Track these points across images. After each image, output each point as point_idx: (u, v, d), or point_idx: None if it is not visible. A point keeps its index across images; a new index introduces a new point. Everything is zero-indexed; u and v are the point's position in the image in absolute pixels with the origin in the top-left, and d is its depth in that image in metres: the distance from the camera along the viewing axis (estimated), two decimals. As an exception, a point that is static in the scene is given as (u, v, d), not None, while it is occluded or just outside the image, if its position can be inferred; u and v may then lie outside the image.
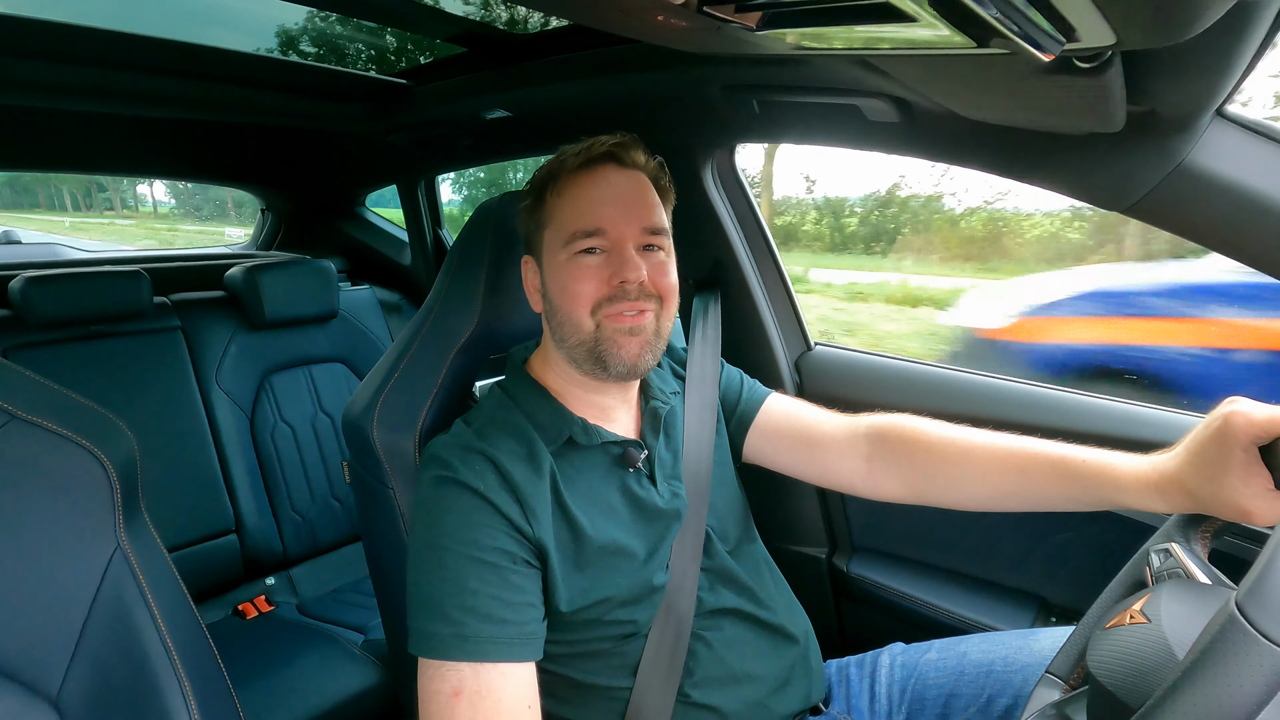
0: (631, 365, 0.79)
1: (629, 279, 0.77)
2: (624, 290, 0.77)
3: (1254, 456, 0.61)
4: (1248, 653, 0.39)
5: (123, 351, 1.60)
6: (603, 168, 0.80)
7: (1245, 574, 0.43)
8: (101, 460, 0.56)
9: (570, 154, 0.80)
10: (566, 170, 0.80)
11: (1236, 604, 0.41)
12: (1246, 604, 0.40)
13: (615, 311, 0.77)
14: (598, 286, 0.77)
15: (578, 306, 0.78)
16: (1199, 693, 0.39)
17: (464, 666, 0.67)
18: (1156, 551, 0.63)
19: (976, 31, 0.46)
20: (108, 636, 0.55)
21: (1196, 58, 0.61)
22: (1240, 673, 0.39)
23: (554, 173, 0.81)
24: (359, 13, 1.29)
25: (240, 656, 1.39)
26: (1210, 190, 0.78)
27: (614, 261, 0.78)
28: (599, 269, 0.78)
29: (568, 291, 0.78)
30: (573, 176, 0.80)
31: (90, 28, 1.16)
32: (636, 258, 0.78)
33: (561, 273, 0.79)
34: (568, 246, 0.78)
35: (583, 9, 0.63)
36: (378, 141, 1.93)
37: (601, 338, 0.78)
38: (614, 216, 0.78)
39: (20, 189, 18.95)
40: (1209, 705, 0.39)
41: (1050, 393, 1.13)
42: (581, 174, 0.80)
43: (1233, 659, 0.39)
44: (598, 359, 0.79)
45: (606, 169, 0.80)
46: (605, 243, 0.78)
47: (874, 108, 0.96)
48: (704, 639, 0.83)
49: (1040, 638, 0.87)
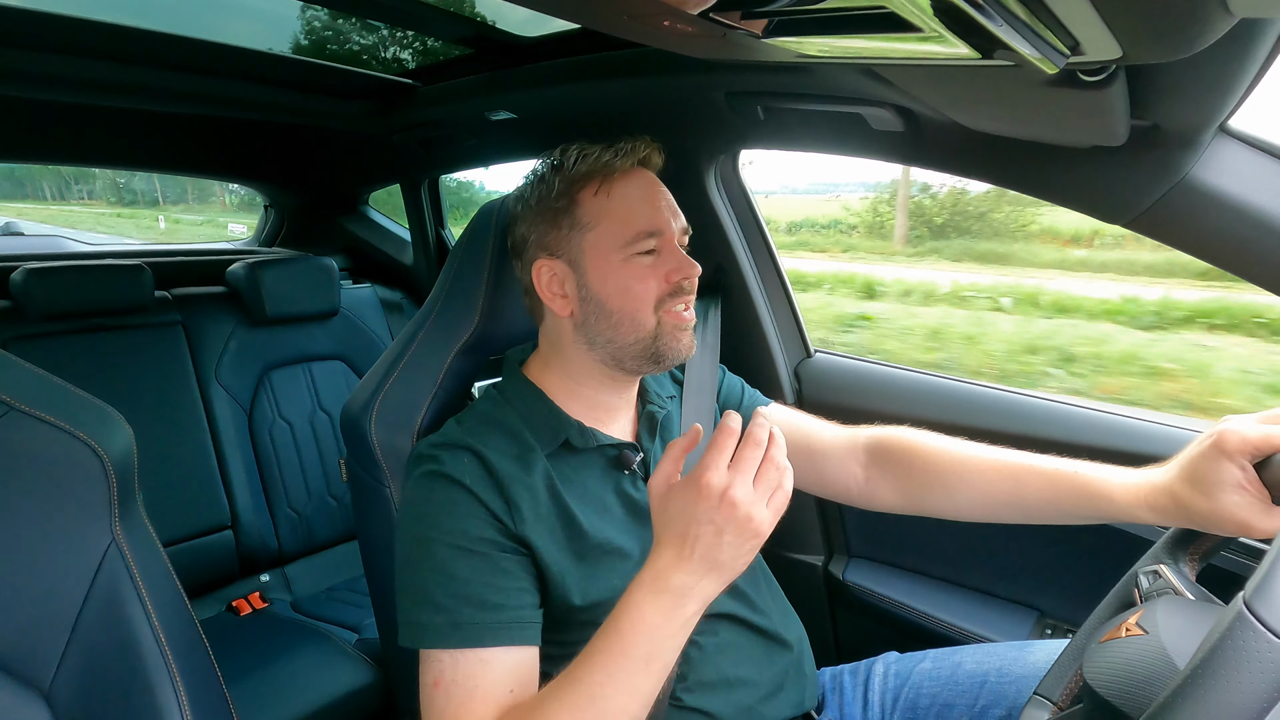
0: (686, 356, 0.83)
1: (690, 275, 0.80)
2: (681, 287, 0.80)
3: (1250, 473, 0.62)
4: (1257, 650, 0.39)
5: (123, 345, 1.60)
6: (641, 171, 0.82)
7: (1240, 585, 0.43)
8: (98, 453, 0.56)
9: (612, 155, 0.80)
10: (616, 171, 0.80)
11: (1245, 602, 0.41)
12: (1255, 601, 0.41)
13: (674, 308, 0.81)
14: (657, 285, 0.80)
15: (642, 306, 0.80)
16: (1208, 691, 0.39)
17: (445, 655, 0.68)
18: (1145, 573, 0.64)
19: (981, 43, 0.47)
20: (101, 630, 0.55)
21: (1200, 73, 0.61)
22: (1249, 670, 0.39)
23: (594, 173, 0.80)
24: (367, 12, 1.29)
25: (233, 653, 1.39)
26: (1212, 206, 0.78)
27: (668, 260, 0.81)
28: (654, 268, 0.80)
29: (630, 292, 0.79)
30: (623, 177, 0.81)
31: (96, 21, 1.16)
32: (687, 256, 0.82)
33: (619, 274, 0.80)
34: (627, 247, 0.79)
35: (589, 13, 0.63)
36: (382, 140, 1.93)
37: (661, 334, 0.81)
38: (667, 217, 0.81)
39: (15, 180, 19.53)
40: (1218, 703, 0.39)
41: (1047, 403, 1.13)
42: (627, 176, 0.81)
43: (1242, 656, 0.39)
44: (654, 354, 0.81)
45: (644, 172, 0.83)
46: (660, 243, 0.81)
47: (878, 117, 0.96)
48: (697, 643, 0.83)
49: (1035, 650, 0.87)
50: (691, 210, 0.88)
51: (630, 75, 1.14)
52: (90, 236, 8.05)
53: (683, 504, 0.61)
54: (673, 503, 0.62)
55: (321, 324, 1.90)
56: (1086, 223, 1.94)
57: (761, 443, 0.61)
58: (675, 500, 0.62)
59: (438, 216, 2.20)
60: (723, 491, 0.59)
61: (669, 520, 0.63)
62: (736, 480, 0.60)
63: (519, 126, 1.52)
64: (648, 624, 0.61)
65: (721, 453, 0.61)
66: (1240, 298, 3.15)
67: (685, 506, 0.61)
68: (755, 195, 1.38)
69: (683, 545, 0.61)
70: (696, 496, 0.60)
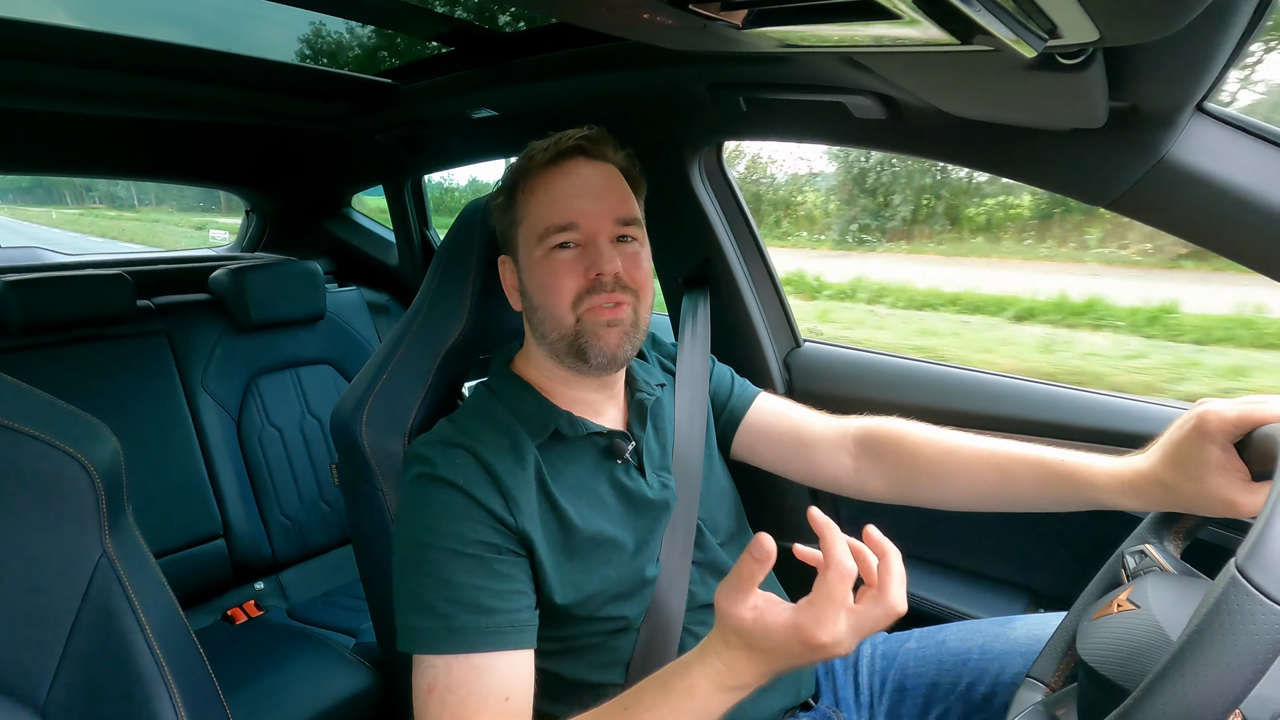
0: (611, 356, 0.80)
1: (604, 271, 0.77)
2: (600, 283, 0.78)
3: (1230, 452, 0.63)
4: (1251, 612, 0.40)
5: (106, 355, 1.58)
6: (572, 162, 0.80)
7: (1223, 558, 0.44)
8: (85, 465, 0.55)
9: (538, 149, 0.80)
10: (536, 166, 0.80)
11: (1237, 566, 0.42)
12: (1247, 565, 0.41)
13: (594, 304, 0.78)
14: (575, 280, 0.78)
15: (558, 302, 0.78)
16: (1204, 655, 0.40)
17: (439, 661, 0.68)
18: (1131, 553, 0.65)
19: (960, 28, 0.47)
20: (94, 644, 0.55)
21: (1177, 54, 0.61)
22: (1244, 632, 0.40)
23: (523, 169, 0.81)
24: (345, 12, 1.28)
25: (230, 662, 1.38)
26: (1191, 185, 0.79)
27: (588, 255, 0.78)
28: (574, 263, 0.78)
29: (547, 288, 0.79)
30: (543, 172, 0.80)
31: (71, 28, 1.14)
32: (610, 250, 0.78)
33: (539, 269, 0.79)
34: (542, 242, 0.79)
35: (569, 7, 0.62)
36: (364, 141, 1.92)
37: (582, 330, 0.79)
38: (586, 209, 0.79)
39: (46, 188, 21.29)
40: (1215, 666, 0.40)
41: (1034, 386, 1.14)
42: (551, 169, 0.80)
43: (1236, 619, 0.40)
44: (579, 352, 0.80)
45: (576, 163, 0.81)
46: (579, 236, 0.79)
47: (860, 105, 0.96)
48: (695, 634, 0.83)
49: (1016, 625, 0.88)
50: (676, 203, 0.88)
51: (611, 69, 1.13)
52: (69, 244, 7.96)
53: (782, 641, 0.56)
54: (771, 637, 0.57)
55: (308, 328, 1.89)
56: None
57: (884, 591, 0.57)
58: (774, 636, 0.57)
59: (422, 217, 2.19)
60: (828, 644, 0.55)
61: (756, 647, 0.58)
62: (846, 634, 0.56)
63: (502, 123, 1.51)
64: (708, 709, 0.60)
65: (834, 604, 0.55)
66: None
67: (784, 643, 0.57)
68: (740, 187, 1.38)
69: (768, 664, 0.59)
70: (798, 642, 0.56)
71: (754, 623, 0.57)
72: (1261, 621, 0.39)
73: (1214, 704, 0.40)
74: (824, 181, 6.27)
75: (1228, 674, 0.39)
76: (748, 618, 0.57)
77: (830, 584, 0.55)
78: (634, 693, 0.64)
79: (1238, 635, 0.40)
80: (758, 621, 0.57)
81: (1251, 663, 0.39)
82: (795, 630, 0.56)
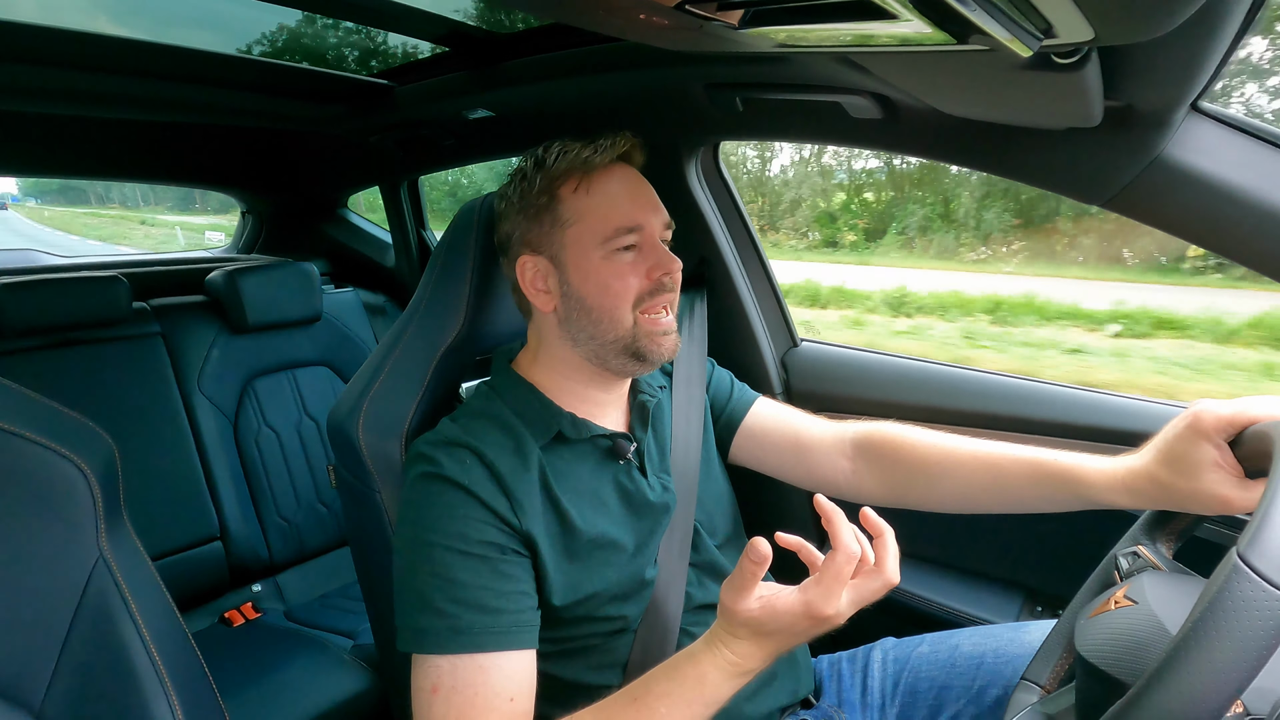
0: (668, 357, 0.83)
1: (670, 271, 0.80)
2: (663, 284, 0.80)
3: (1225, 450, 0.64)
4: (1254, 598, 0.40)
5: (102, 358, 1.57)
6: (621, 166, 0.82)
7: (1215, 556, 0.44)
8: (82, 468, 0.55)
9: (587, 152, 0.79)
10: (595, 167, 0.80)
11: (1239, 554, 0.42)
12: (1248, 553, 0.42)
13: (653, 306, 0.81)
14: (638, 282, 0.80)
15: (621, 303, 0.79)
16: (1209, 643, 0.40)
17: (443, 661, 0.68)
18: (1125, 555, 0.65)
19: (956, 28, 0.47)
20: (91, 648, 0.54)
21: (1171, 53, 0.62)
22: (1248, 618, 0.40)
23: (573, 169, 0.80)
24: (341, 14, 1.28)
25: (227, 665, 1.38)
26: (1186, 183, 0.79)
27: (649, 257, 0.80)
28: (635, 265, 0.80)
29: (610, 289, 0.79)
30: (602, 173, 0.80)
31: (67, 30, 1.13)
32: (669, 252, 0.81)
33: (600, 270, 0.79)
34: (607, 243, 0.79)
35: (565, 8, 0.62)
36: (359, 143, 1.91)
37: (639, 334, 0.80)
38: (647, 213, 0.81)
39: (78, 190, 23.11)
40: (1220, 653, 0.40)
41: (1030, 385, 1.15)
42: (607, 171, 0.81)
43: (1239, 606, 0.40)
44: (635, 353, 0.81)
45: (624, 167, 0.82)
46: (640, 239, 0.80)
47: (856, 104, 0.96)
48: (692, 635, 0.83)
49: (1030, 629, 0.89)
50: (673, 203, 0.88)
51: (608, 69, 1.13)
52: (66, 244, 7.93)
53: (790, 621, 0.62)
54: (779, 619, 0.63)
55: (304, 330, 1.88)
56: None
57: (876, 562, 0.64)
58: (782, 618, 0.62)
59: (418, 217, 2.18)
60: (832, 615, 0.61)
61: (765, 632, 0.64)
62: (846, 606, 0.62)
63: (498, 124, 1.51)
64: (717, 695, 0.65)
65: (840, 582, 0.61)
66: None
67: (792, 623, 0.62)
68: (737, 187, 1.38)
69: (774, 645, 0.64)
70: (805, 618, 0.62)
71: (762, 611, 0.63)
72: (1265, 608, 0.40)
73: (1218, 691, 0.40)
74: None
75: (1231, 661, 0.40)
76: (755, 608, 0.63)
77: (838, 565, 0.61)
78: (641, 683, 0.67)
79: (1241, 622, 0.40)
80: (765, 609, 0.63)
81: (1255, 649, 0.39)
82: (805, 608, 0.61)
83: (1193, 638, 0.41)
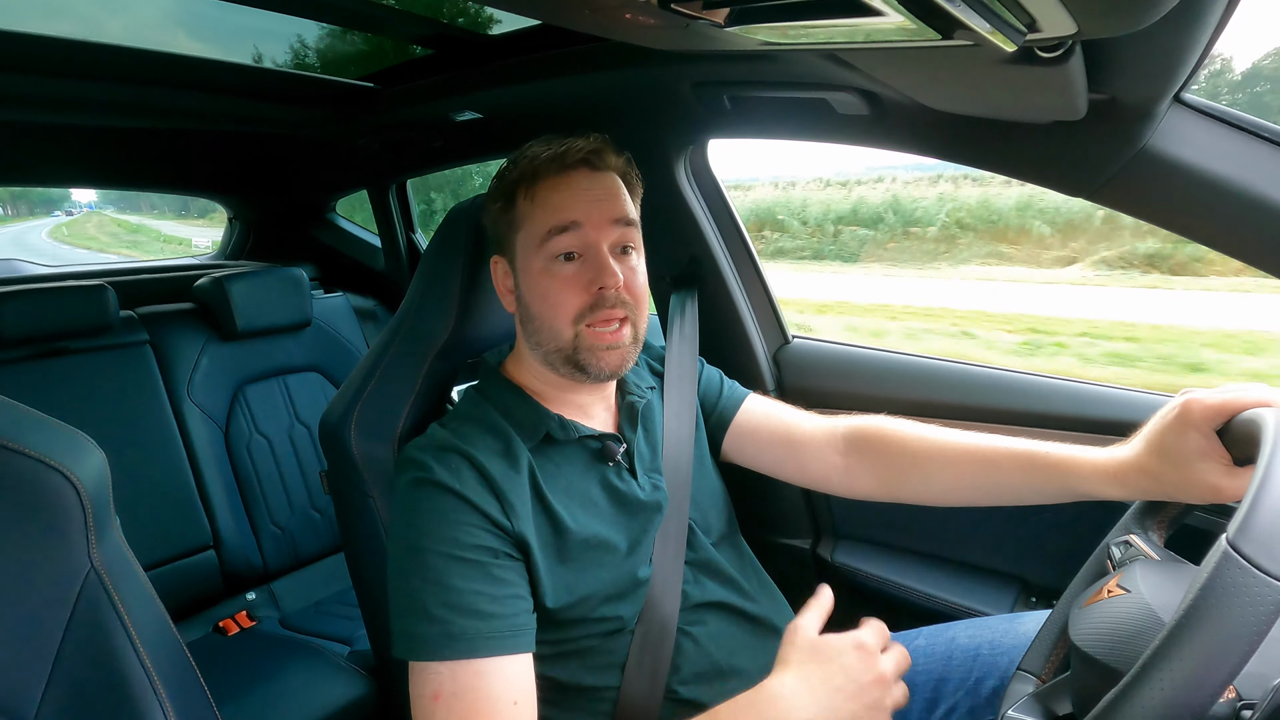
0: (612, 372, 0.81)
1: (608, 285, 0.77)
2: (602, 298, 0.78)
3: (1213, 439, 0.64)
4: (1244, 584, 0.41)
5: (90, 368, 1.56)
6: (576, 172, 0.80)
7: (1205, 543, 0.44)
8: (71, 479, 0.54)
9: (542, 159, 0.79)
10: (541, 175, 0.79)
11: (1229, 541, 0.42)
12: (1238, 539, 0.42)
13: (596, 320, 0.78)
14: (577, 295, 0.78)
15: (558, 316, 0.78)
16: (1202, 628, 0.41)
17: (443, 667, 0.67)
18: (1117, 544, 0.66)
19: (940, 24, 0.47)
20: (84, 660, 0.54)
21: (1154, 45, 0.62)
22: (1239, 603, 0.40)
23: (526, 176, 0.80)
24: (324, 17, 1.27)
25: (223, 674, 1.37)
26: (1170, 174, 0.80)
27: (591, 268, 0.78)
28: (576, 277, 0.78)
29: (548, 300, 0.79)
30: (547, 181, 0.79)
31: (48, 36, 1.12)
32: (613, 263, 0.78)
33: (540, 281, 0.79)
34: (542, 247, 0.78)
35: (550, 8, 0.62)
36: (346, 146, 1.90)
37: (580, 347, 0.79)
38: (588, 214, 0.78)
39: (105, 195, 24.40)
40: (1212, 638, 0.40)
41: (1021, 377, 1.15)
42: (556, 178, 0.79)
43: (1230, 591, 0.41)
44: (576, 365, 0.80)
45: (580, 173, 0.80)
46: (579, 243, 0.78)
47: (843, 101, 0.97)
48: (690, 634, 0.83)
49: (1025, 620, 0.89)
50: (663, 202, 0.88)
51: (594, 69, 1.13)
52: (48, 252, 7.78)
53: (854, 660, 0.66)
54: (831, 643, 0.67)
55: (294, 335, 1.87)
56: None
57: None
58: (834, 643, 0.67)
59: (407, 221, 2.17)
60: (886, 675, 0.66)
61: (827, 671, 0.66)
62: (890, 667, 0.67)
63: (485, 126, 1.50)
64: None
65: (878, 635, 0.68)
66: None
67: (840, 652, 0.66)
68: (726, 185, 1.38)
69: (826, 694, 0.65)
70: (853, 649, 0.66)
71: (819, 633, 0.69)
72: (1255, 593, 0.40)
73: (1211, 678, 0.40)
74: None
75: (1224, 647, 0.40)
76: (814, 628, 0.70)
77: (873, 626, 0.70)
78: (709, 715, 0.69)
79: (1232, 608, 0.40)
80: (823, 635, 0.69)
81: (1247, 635, 0.40)
82: (851, 640, 0.67)
83: (1185, 625, 0.41)
